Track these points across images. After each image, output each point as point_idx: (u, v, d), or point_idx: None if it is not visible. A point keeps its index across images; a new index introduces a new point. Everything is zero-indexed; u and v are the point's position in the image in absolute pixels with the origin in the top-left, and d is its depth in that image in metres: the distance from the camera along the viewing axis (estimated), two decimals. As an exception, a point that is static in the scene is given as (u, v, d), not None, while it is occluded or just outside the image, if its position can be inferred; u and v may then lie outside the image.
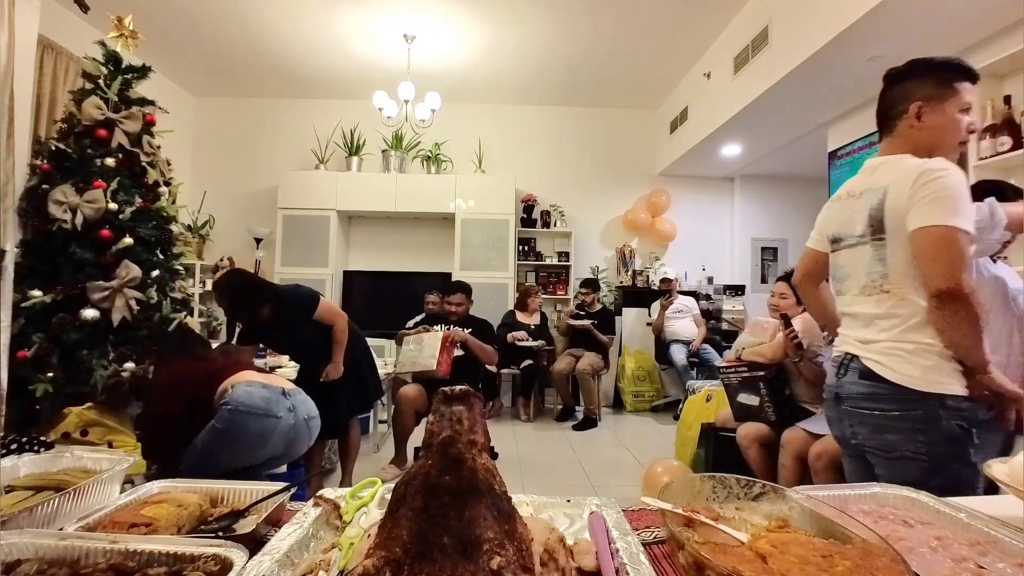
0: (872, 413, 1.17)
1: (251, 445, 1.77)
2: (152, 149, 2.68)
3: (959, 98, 1.16)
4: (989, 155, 2.60)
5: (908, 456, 1.13)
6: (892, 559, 0.56)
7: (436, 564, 0.47)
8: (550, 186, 5.68)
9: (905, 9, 2.56)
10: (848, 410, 1.23)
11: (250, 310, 2.42)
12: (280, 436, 1.83)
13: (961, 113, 1.17)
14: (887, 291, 1.17)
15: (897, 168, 1.15)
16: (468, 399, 0.60)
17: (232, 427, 1.73)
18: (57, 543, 0.61)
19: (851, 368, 1.24)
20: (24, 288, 2.29)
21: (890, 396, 1.14)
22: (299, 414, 1.90)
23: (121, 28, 2.66)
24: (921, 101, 1.17)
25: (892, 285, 1.16)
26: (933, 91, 1.17)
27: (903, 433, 1.13)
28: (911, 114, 1.18)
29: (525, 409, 4.71)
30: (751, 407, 2.48)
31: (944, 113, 1.16)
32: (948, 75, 1.18)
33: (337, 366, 2.58)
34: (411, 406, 3.25)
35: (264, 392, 1.81)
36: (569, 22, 4.00)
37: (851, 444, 1.27)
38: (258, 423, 1.76)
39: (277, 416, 1.80)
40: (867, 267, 1.20)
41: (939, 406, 1.10)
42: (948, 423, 1.09)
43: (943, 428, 1.09)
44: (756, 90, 3.63)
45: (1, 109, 1.93)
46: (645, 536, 0.74)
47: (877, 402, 1.17)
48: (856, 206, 1.23)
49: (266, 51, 4.55)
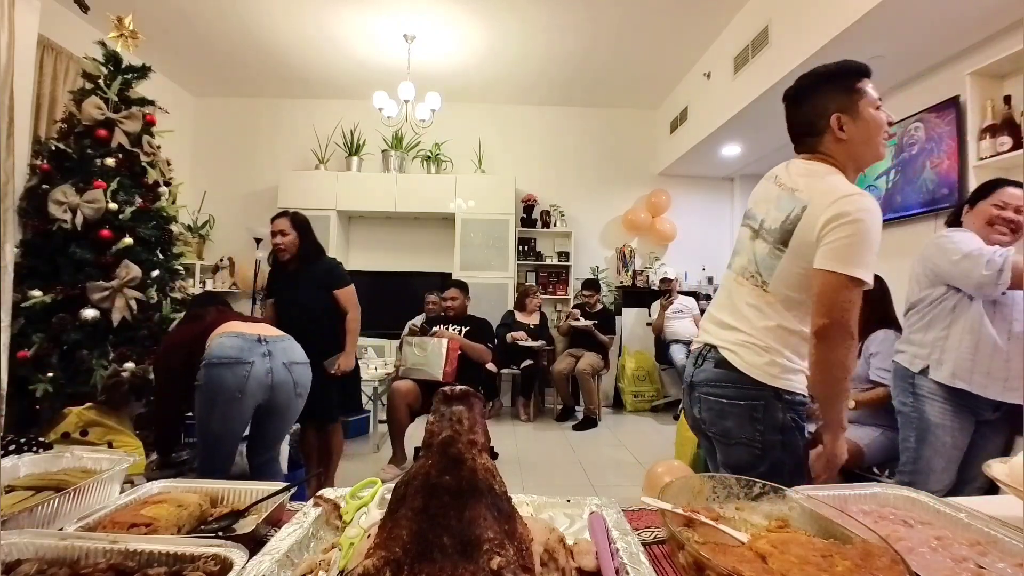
0: (719, 400, 1.23)
1: (231, 399, 1.79)
2: (152, 149, 2.68)
3: (868, 97, 1.17)
4: (989, 155, 2.60)
5: (744, 442, 1.19)
6: (892, 559, 0.56)
7: (436, 564, 0.47)
8: (550, 186, 5.68)
9: (905, 9, 2.56)
10: (699, 396, 1.28)
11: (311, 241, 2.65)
12: (256, 383, 1.83)
13: (876, 110, 1.18)
14: (765, 290, 1.20)
15: (821, 189, 1.14)
16: (468, 399, 0.60)
17: (210, 383, 1.77)
18: (57, 543, 0.60)
19: (708, 358, 1.28)
20: (24, 288, 2.29)
21: (735, 384, 1.19)
22: (276, 359, 1.91)
23: (121, 28, 2.66)
24: (838, 113, 1.18)
25: (772, 289, 1.19)
26: (845, 100, 1.17)
27: (742, 420, 1.18)
28: (833, 127, 1.18)
29: (525, 409, 4.71)
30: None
31: (861, 118, 1.17)
32: (851, 78, 1.18)
33: (349, 357, 2.59)
34: (403, 400, 3.27)
35: (237, 341, 1.83)
36: (569, 22, 4.00)
37: (700, 430, 1.32)
38: (232, 373, 1.78)
39: (249, 362, 1.81)
40: (761, 258, 1.21)
41: (776, 398, 1.15)
42: (784, 415, 1.15)
43: (778, 419, 1.15)
44: (756, 90, 3.63)
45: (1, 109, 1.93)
46: (645, 536, 0.74)
47: (724, 389, 1.22)
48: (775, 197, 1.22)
49: (266, 51, 4.55)
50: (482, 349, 3.53)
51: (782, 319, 1.16)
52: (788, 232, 1.15)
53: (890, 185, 3.44)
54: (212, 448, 1.86)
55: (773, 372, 1.15)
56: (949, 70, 3.02)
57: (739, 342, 1.20)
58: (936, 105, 3.05)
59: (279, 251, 2.60)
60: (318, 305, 2.57)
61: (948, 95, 2.97)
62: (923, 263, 1.80)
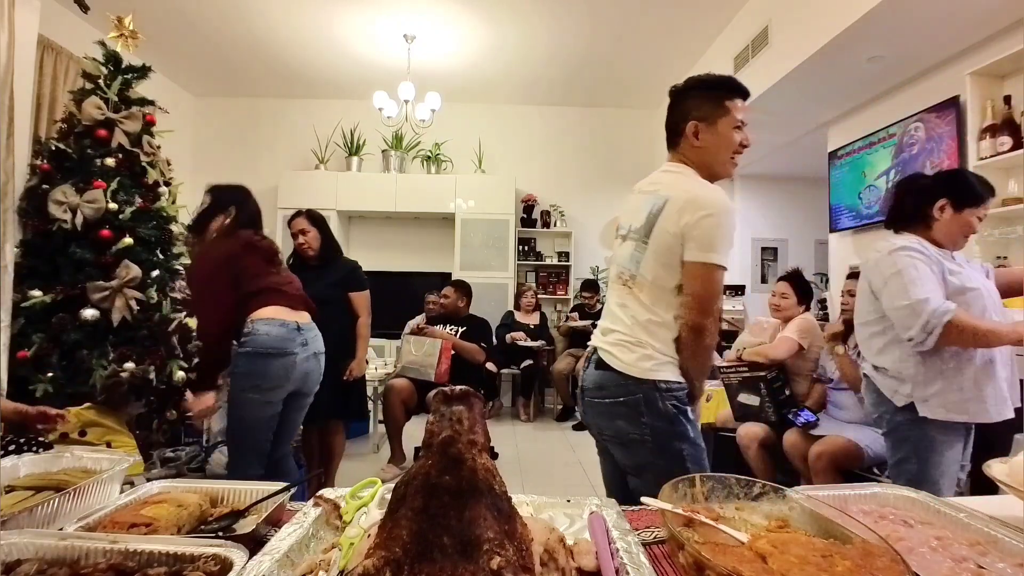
0: (604, 401, 1.26)
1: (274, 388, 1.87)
2: (152, 149, 2.68)
3: (730, 116, 1.22)
4: (989, 155, 2.60)
5: (636, 439, 1.21)
6: (892, 559, 0.56)
7: (436, 564, 0.47)
8: (550, 186, 5.68)
9: (905, 9, 2.56)
10: (588, 401, 1.31)
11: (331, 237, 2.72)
12: (297, 373, 1.91)
13: (734, 130, 1.23)
14: (630, 288, 1.26)
15: (678, 186, 1.22)
16: (468, 399, 0.60)
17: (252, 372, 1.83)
18: (57, 543, 0.61)
19: (591, 360, 1.31)
20: (24, 288, 2.28)
21: (615, 384, 1.23)
22: (309, 349, 1.97)
23: (121, 28, 2.66)
24: (696, 121, 1.24)
25: (636, 285, 1.24)
26: (707, 111, 1.23)
27: (629, 418, 1.22)
28: (689, 133, 1.25)
29: (525, 409, 4.71)
30: (751, 407, 2.48)
31: (716, 132, 1.23)
32: (720, 94, 1.24)
33: (360, 362, 2.63)
34: (398, 397, 3.30)
35: (281, 331, 1.88)
36: (569, 22, 3.99)
37: (597, 436, 1.34)
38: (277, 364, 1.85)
39: (293, 352, 1.88)
40: (628, 256, 1.27)
41: (654, 389, 1.19)
42: (664, 404, 1.19)
43: (660, 409, 1.19)
44: (756, 90, 3.63)
45: (1, 109, 1.93)
46: (645, 536, 0.74)
47: (606, 390, 1.25)
48: (640, 203, 1.28)
49: (266, 51, 4.54)
50: (474, 349, 3.54)
51: (650, 313, 1.21)
52: (652, 224, 1.21)
53: (890, 185, 3.44)
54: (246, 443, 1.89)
55: (647, 366, 1.20)
56: (949, 70, 3.02)
57: (613, 342, 1.25)
58: (936, 105, 3.05)
59: (303, 250, 2.63)
60: (332, 304, 2.58)
61: (948, 95, 2.97)
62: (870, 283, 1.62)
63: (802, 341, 2.46)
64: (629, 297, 1.26)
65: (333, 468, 2.74)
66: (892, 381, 1.57)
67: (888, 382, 1.58)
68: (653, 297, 1.22)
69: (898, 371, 1.55)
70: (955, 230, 1.57)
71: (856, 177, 3.74)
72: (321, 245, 2.65)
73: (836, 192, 3.98)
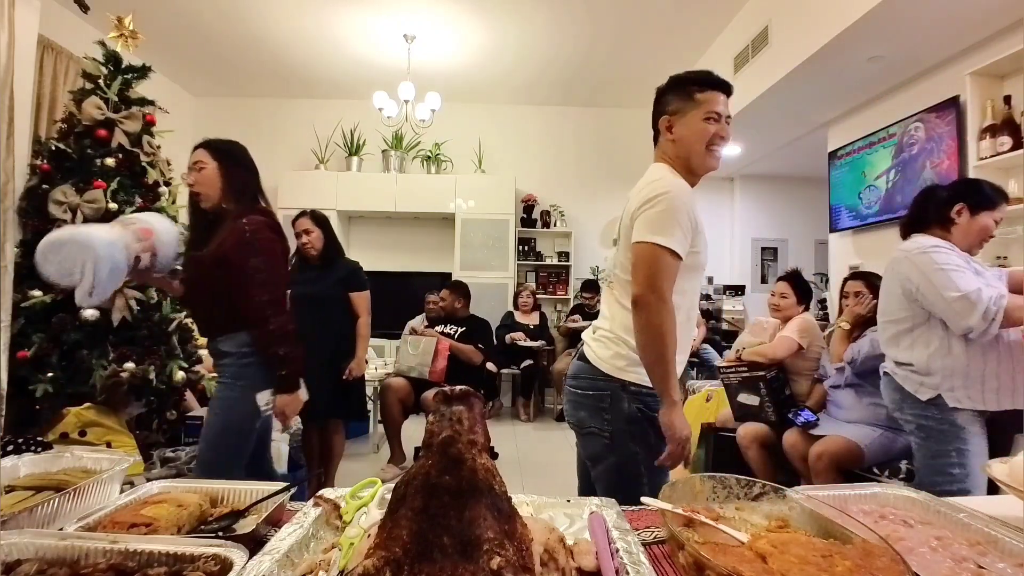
0: (575, 391, 1.31)
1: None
2: (152, 149, 2.68)
3: (701, 108, 1.23)
4: (989, 155, 2.60)
5: (595, 432, 1.25)
6: (892, 559, 0.56)
7: (436, 564, 0.47)
8: (550, 186, 5.68)
9: (905, 9, 2.56)
10: (566, 389, 1.37)
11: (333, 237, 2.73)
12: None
13: (707, 121, 1.23)
14: (611, 288, 1.30)
15: (642, 180, 1.26)
16: (468, 399, 0.60)
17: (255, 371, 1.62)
18: (57, 543, 0.61)
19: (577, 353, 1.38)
20: (24, 288, 2.28)
21: (587, 376, 1.28)
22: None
23: (121, 28, 2.65)
24: (667, 115, 1.27)
25: (614, 282, 1.29)
26: (678, 104, 1.26)
27: (592, 411, 1.26)
28: (663, 128, 1.28)
29: (525, 409, 4.71)
30: (751, 407, 2.48)
31: (687, 125, 1.24)
32: (689, 87, 1.25)
33: (360, 362, 2.64)
34: (395, 395, 3.32)
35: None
36: (569, 22, 3.99)
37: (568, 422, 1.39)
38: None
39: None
40: (609, 261, 1.34)
41: (622, 389, 1.22)
42: (629, 406, 1.21)
43: (624, 409, 1.22)
44: (756, 90, 3.63)
45: (1, 109, 1.93)
46: (645, 536, 0.74)
47: (579, 381, 1.31)
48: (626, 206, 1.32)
49: (266, 51, 4.54)
50: (471, 350, 3.55)
51: (626, 311, 1.22)
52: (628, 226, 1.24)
53: (890, 185, 3.44)
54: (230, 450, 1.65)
55: (619, 365, 1.23)
56: (949, 70, 3.02)
57: (595, 337, 1.31)
58: (936, 105, 3.05)
59: (306, 249, 2.64)
60: (333, 304, 2.62)
61: (948, 95, 2.97)
62: (901, 282, 1.63)
63: (802, 341, 2.46)
64: (611, 296, 1.30)
65: (333, 468, 2.74)
66: (917, 376, 1.61)
67: (913, 377, 1.62)
68: (623, 292, 1.24)
69: (926, 366, 1.58)
70: (972, 233, 1.63)
71: (856, 177, 3.74)
72: (324, 246, 2.67)
73: (836, 192, 3.97)
